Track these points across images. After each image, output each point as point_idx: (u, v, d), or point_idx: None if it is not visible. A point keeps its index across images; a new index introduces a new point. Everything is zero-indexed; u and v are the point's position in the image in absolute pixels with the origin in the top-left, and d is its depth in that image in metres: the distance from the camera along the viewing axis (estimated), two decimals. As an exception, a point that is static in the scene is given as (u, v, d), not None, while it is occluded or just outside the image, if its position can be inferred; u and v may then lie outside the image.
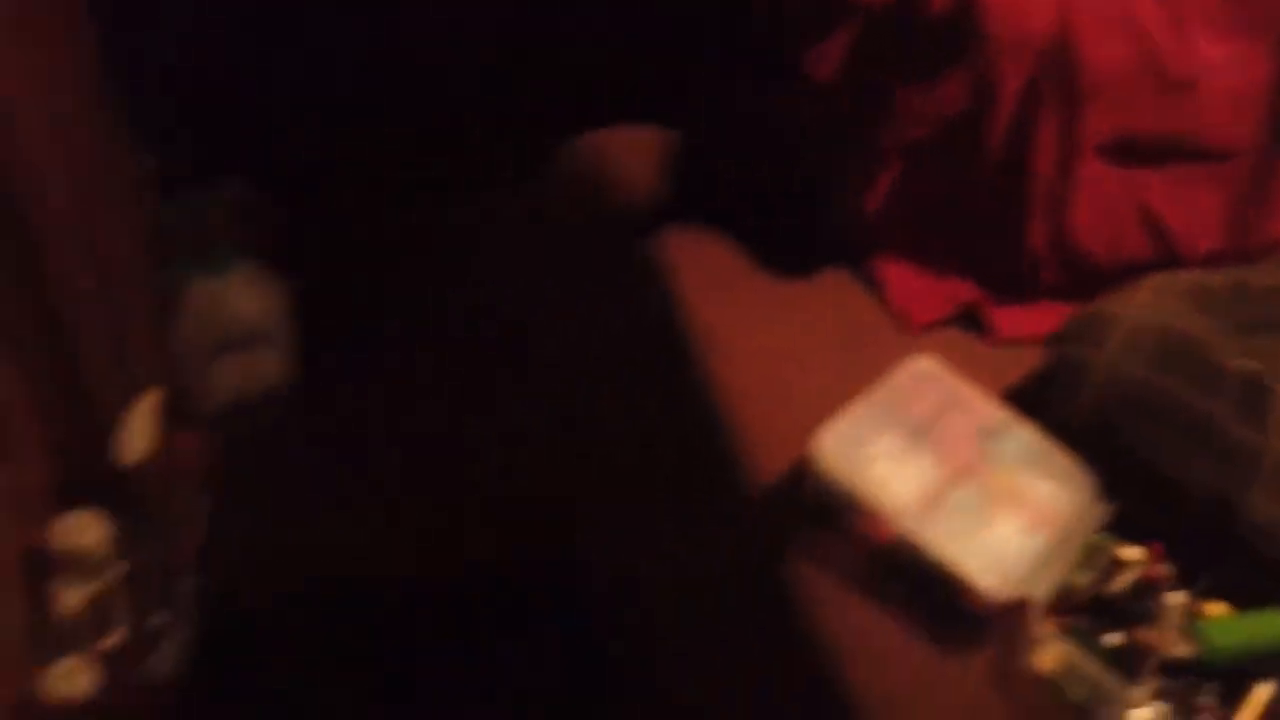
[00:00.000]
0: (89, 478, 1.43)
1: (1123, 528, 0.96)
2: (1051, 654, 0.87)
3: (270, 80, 1.73)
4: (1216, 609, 0.91)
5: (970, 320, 1.21)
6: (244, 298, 1.76)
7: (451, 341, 1.76)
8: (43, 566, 1.29)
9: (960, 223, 1.22)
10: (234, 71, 1.71)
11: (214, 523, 1.58)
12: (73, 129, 1.37)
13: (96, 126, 1.46)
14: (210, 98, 1.73)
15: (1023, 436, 1.00)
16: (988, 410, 1.02)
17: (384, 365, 1.78)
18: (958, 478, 0.96)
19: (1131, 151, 1.21)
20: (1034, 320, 1.19)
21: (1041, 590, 0.89)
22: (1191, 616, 0.90)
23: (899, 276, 1.22)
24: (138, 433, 1.54)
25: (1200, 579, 0.92)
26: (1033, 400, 1.04)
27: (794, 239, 1.23)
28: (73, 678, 1.20)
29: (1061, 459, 0.99)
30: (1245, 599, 0.91)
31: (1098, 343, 1.02)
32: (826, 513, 0.94)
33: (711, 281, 1.19)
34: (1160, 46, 1.17)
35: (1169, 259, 1.21)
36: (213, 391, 1.74)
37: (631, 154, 1.35)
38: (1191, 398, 0.96)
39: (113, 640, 1.31)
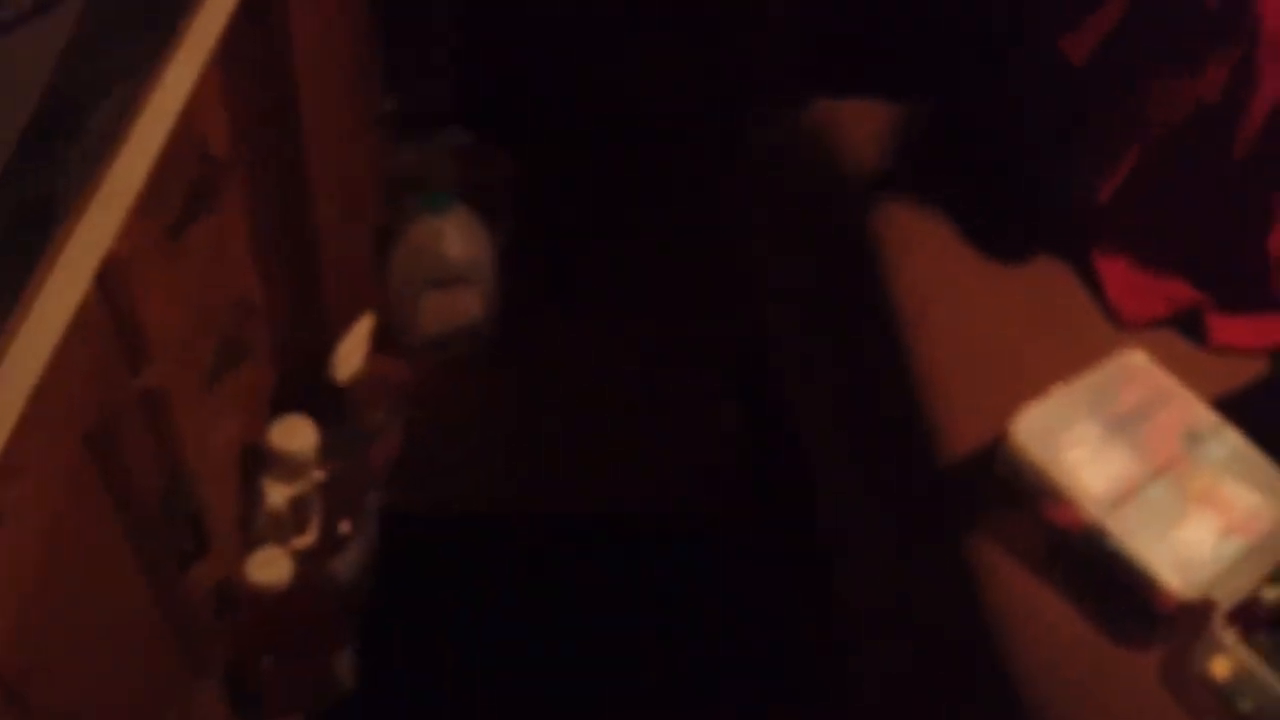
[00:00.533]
0: (305, 387, 1.54)
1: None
2: (1228, 662, 0.84)
3: (502, 39, 1.81)
4: None
5: (1187, 325, 1.17)
6: (458, 240, 1.84)
7: (660, 290, 1.81)
8: (257, 462, 1.39)
9: (1194, 220, 1.18)
10: (470, 27, 1.80)
11: (406, 445, 1.67)
12: (336, 59, 1.46)
13: (355, 62, 1.55)
14: (448, 49, 1.83)
15: (1231, 442, 0.97)
16: (1197, 411, 0.99)
17: (588, 312, 1.84)
18: (1156, 474, 0.93)
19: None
20: (1257, 332, 1.14)
21: (1228, 597, 0.86)
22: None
23: (1118, 270, 1.19)
24: (352, 352, 1.64)
25: None
26: (1248, 409, 1.00)
27: (1015, 221, 1.21)
28: (273, 566, 1.29)
29: (1270, 470, 0.95)
30: None
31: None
32: (1016, 492, 0.93)
33: (925, 254, 1.19)
34: None
35: None
36: (419, 324, 1.83)
37: (858, 123, 1.36)
38: None
39: (306, 540, 1.40)
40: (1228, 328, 1.16)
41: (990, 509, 0.95)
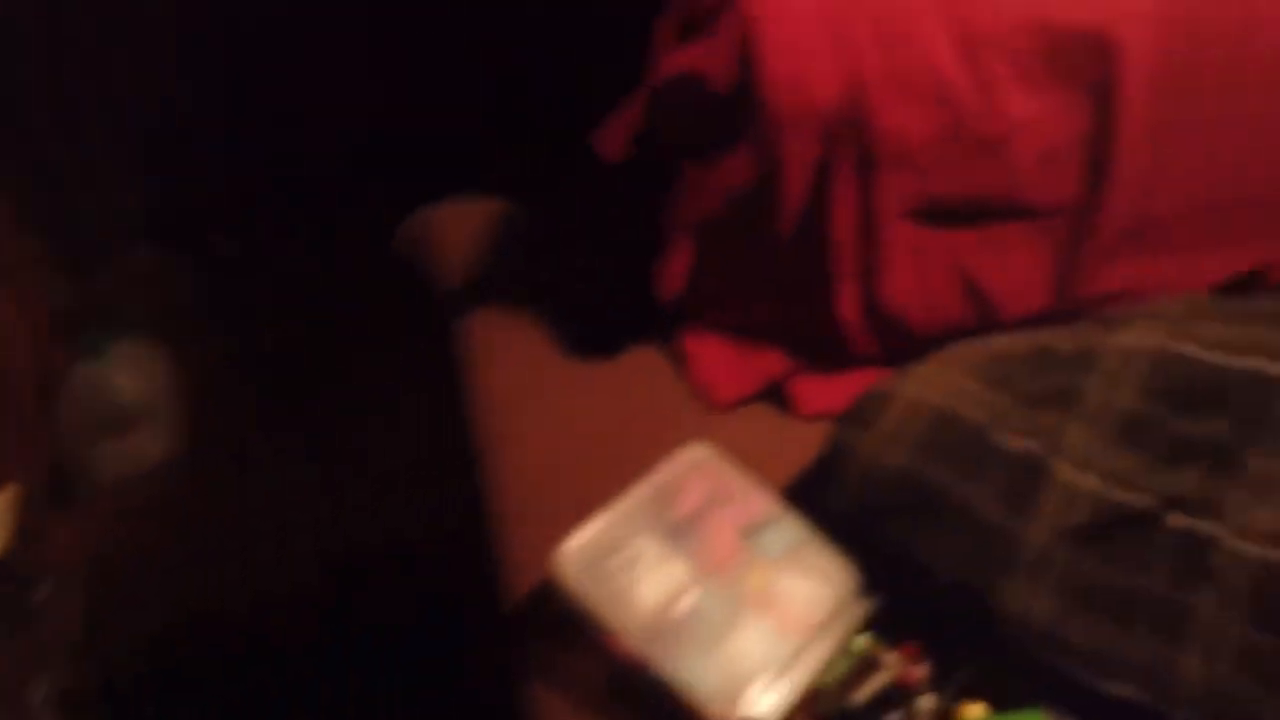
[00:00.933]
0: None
1: (891, 626, 0.92)
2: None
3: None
4: (974, 710, 0.86)
5: (780, 398, 1.18)
6: (127, 378, 1.76)
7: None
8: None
9: (768, 295, 1.19)
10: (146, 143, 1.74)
11: (90, 610, 1.58)
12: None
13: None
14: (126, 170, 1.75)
15: (787, 531, 0.96)
16: (757, 503, 0.98)
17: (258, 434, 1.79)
18: (710, 581, 0.92)
19: (944, 214, 1.16)
20: (843, 393, 1.15)
21: (779, 706, 0.85)
22: (946, 718, 0.86)
23: (706, 352, 1.19)
24: (-8, 531, 1.54)
25: (955, 678, 0.88)
26: (807, 489, 1.00)
27: (599, 317, 1.20)
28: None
29: (823, 555, 0.95)
30: (1005, 699, 0.87)
31: (867, 426, 0.98)
32: (568, 629, 0.90)
33: (510, 362, 1.17)
34: (966, 108, 1.13)
35: (989, 321, 1.17)
36: (95, 472, 1.74)
37: (455, 229, 1.34)
38: (952, 483, 0.92)
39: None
40: (815, 395, 1.17)
41: (549, 646, 0.92)
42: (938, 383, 1.00)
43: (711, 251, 1.14)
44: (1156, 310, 1.09)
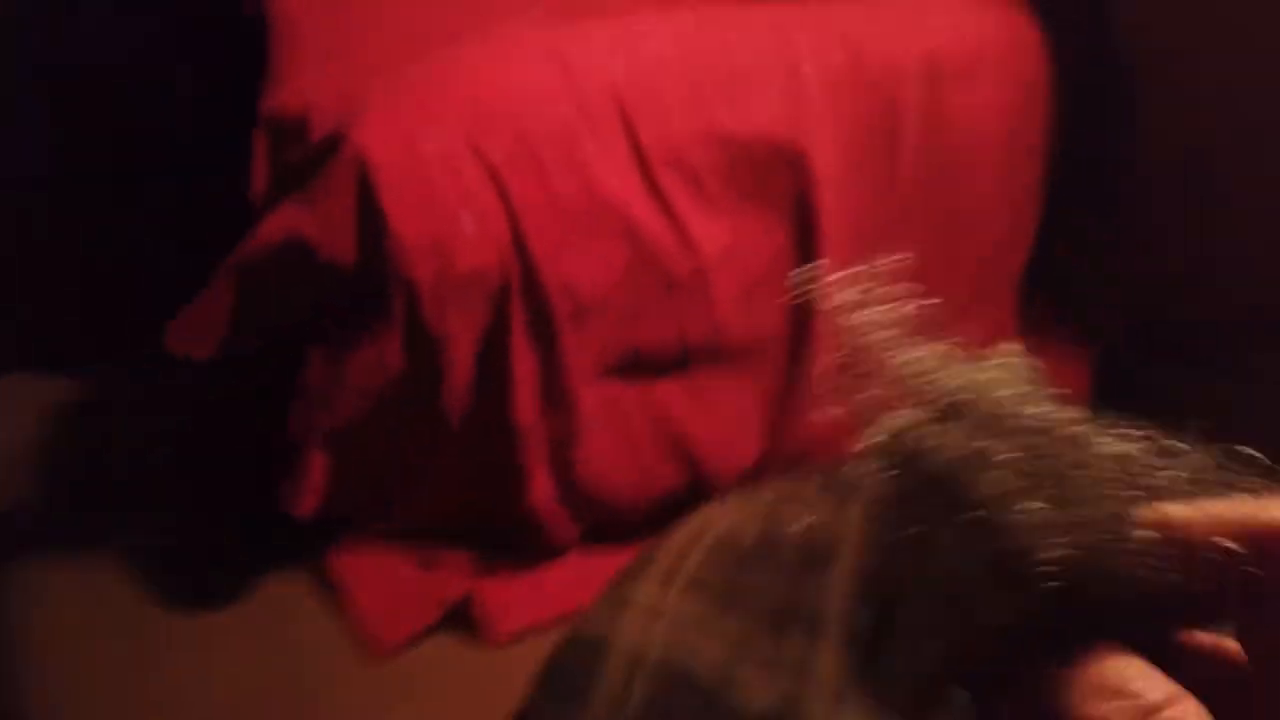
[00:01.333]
0: None
1: None
2: None
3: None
4: None
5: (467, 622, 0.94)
6: None
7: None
8: None
9: (438, 496, 0.95)
10: None
11: None
12: None
13: None
14: None
15: None
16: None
17: None
18: None
19: (643, 366, 0.97)
20: (539, 598, 0.93)
21: None
22: None
23: (363, 577, 0.94)
24: None
25: None
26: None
27: (207, 551, 0.92)
28: None
29: None
30: None
31: (578, 699, 0.76)
32: None
33: (82, 639, 0.87)
34: (655, 246, 0.94)
35: (700, 486, 0.99)
36: None
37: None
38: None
39: None
40: (508, 610, 0.94)
41: None
42: (661, 618, 0.79)
43: (358, 454, 0.89)
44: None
